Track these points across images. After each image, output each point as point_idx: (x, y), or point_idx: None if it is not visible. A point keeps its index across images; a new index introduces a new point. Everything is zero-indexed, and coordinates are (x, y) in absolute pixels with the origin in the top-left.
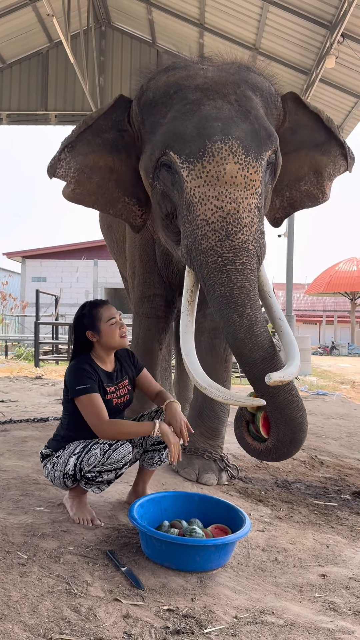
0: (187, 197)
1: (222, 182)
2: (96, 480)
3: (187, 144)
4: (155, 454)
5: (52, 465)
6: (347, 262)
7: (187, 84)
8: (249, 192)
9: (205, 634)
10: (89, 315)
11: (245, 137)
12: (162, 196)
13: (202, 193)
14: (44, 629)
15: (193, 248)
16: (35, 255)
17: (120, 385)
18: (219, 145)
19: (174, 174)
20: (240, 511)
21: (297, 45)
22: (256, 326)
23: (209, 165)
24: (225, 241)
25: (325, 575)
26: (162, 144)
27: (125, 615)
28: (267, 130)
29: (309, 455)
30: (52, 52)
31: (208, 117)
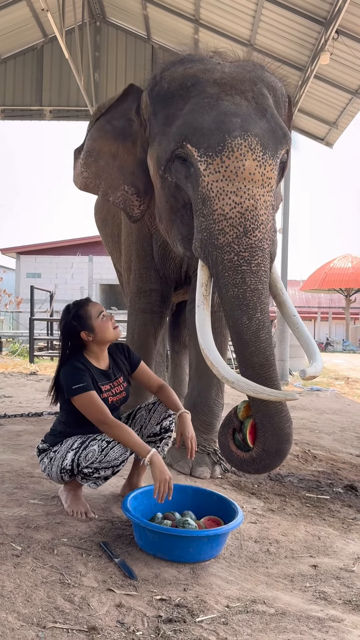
0: (204, 191)
1: (241, 178)
2: (93, 476)
3: (205, 137)
4: (151, 446)
5: (49, 460)
6: (342, 258)
7: (205, 78)
8: (265, 189)
9: (197, 623)
10: (77, 316)
11: (263, 135)
12: (175, 189)
13: (220, 188)
14: (38, 617)
15: (209, 243)
16: (30, 251)
17: (116, 382)
18: (238, 140)
19: (189, 167)
20: (232, 503)
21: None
22: (262, 331)
23: (227, 160)
24: (242, 238)
25: (316, 565)
26: (178, 136)
27: (119, 604)
28: (283, 129)
29: (302, 449)
30: (46, 47)
31: (227, 112)
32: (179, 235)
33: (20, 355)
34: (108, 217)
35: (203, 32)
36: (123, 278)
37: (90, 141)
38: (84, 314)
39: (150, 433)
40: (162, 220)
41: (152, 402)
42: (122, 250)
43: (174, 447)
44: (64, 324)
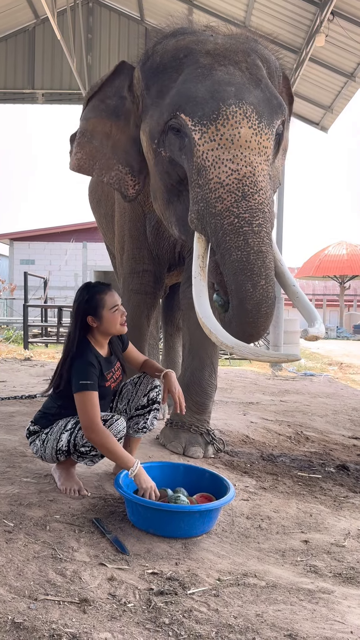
0: (199, 161)
1: (237, 146)
2: (90, 454)
3: (199, 105)
4: (140, 419)
5: (42, 442)
6: (337, 245)
7: (198, 49)
8: (262, 157)
9: (188, 595)
10: (92, 300)
11: (258, 103)
12: (169, 164)
13: (215, 156)
14: (29, 590)
15: (206, 212)
16: (24, 237)
17: (116, 367)
18: (233, 108)
19: (183, 137)
20: (224, 479)
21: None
22: (264, 304)
23: (223, 128)
24: (241, 202)
25: (307, 541)
26: (172, 107)
27: (110, 578)
28: (278, 99)
29: (295, 431)
30: (38, 28)
31: (221, 82)
32: (174, 216)
33: (15, 342)
34: (102, 197)
35: (197, 13)
36: (116, 259)
37: (84, 121)
38: (99, 301)
39: (138, 405)
40: (157, 200)
41: (137, 376)
42: (115, 231)
43: (167, 427)
44: (78, 304)
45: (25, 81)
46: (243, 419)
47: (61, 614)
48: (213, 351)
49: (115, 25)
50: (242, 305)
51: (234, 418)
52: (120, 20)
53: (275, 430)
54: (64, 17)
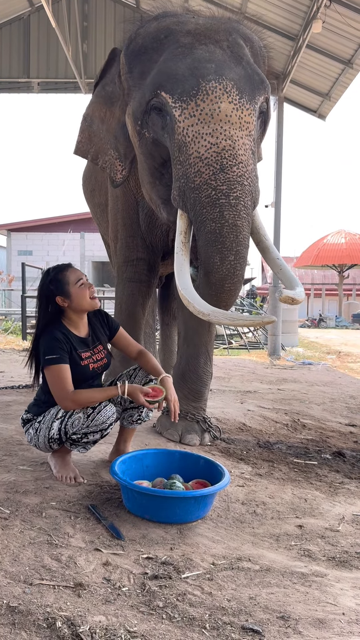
0: (179, 138)
1: (217, 120)
2: (82, 441)
3: (179, 83)
4: (135, 412)
5: (35, 431)
6: (336, 234)
7: (178, 29)
8: (243, 132)
9: (182, 579)
10: (55, 280)
11: (239, 80)
12: (153, 144)
13: (195, 131)
14: (25, 575)
15: (186, 187)
16: (21, 228)
17: (96, 350)
18: (213, 84)
19: (165, 116)
20: (219, 466)
21: (283, 9)
22: (229, 280)
23: (202, 103)
24: (219, 174)
25: (302, 526)
26: (152, 86)
27: (105, 563)
28: (260, 75)
29: (291, 419)
30: (33, 17)
31: (201, 59)
32: (160, 199)
33: (13, 333)
34: (96, 187)
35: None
36: (110, 248)
37: (88, 107)
38: (62, 279)
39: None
40: (144, 184)
41: (132, 367)
42: (109, 220)
43: (163, 415)
44: (41, 286)
45: (21, 70)
46: (240, 407)
47: (56, 598)
48: (208, 339)
49: (111, 13)
50: (207, 277)
51: (231, 406)
52: (115, 8)
53: (272, 418)
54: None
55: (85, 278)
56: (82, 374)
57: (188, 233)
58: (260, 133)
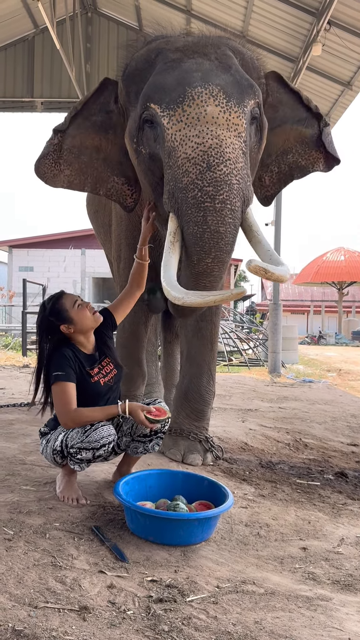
0: (169, 144)
1: (204, 122)
2: (76, 457)
3: (167, 93)
4: (140, 445)
5: (46, 442)
6: (335, 252)
7: (167, 47)
8: (231, 132)
9: (187, 602)
10: (53, 311)
11: (226, 85)
12: (150, 160)
13: (183, 135)
14: (30, 598)
15: (175, 188)
16: (22, 244)
17: (104, 363)
18: (199, 89)
19: (156, 127)
20: (223, 487)
21: (284, 32)
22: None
23: (189, 108)
24: (206, 173)
25: (306, 548)
26: (143, 99)
27: (110, 585)
28: (249, 81)
29: (293, 438)
30: (37, 38)
31: (189, 70)
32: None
33: (13, 349)
34: (100, 207)
35: (195, 23)
36: (113, 267)
37: (70, 139)
38: (60, 307)
39: (141, 433)
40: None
41: (146, 402)
42: (113, 239)
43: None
44: (41, 321)
45: (25, 90)
46: (242, 426)
47: (61, 622)
48: (211, 358)
49: (114, 35)
50: (186, 269)
51: (232, 425)
52: (118, 30)
53: (274, 437)
54: (63, 27)
55: (79, 299)
56: (95, 391)
57: (177, 234)
58: (257, 140)
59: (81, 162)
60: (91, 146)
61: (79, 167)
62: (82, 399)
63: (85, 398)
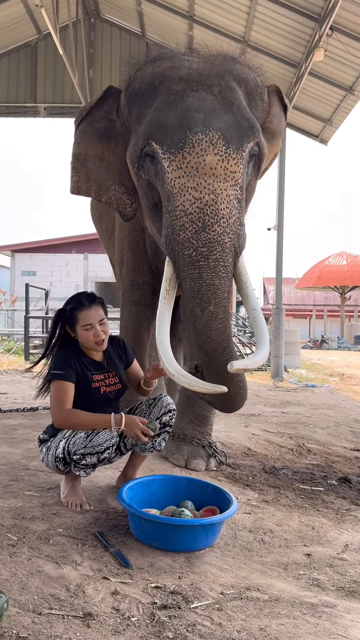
0: (168, 188)
1: (202, 174)
2: (81, 463)
3: (168, 134)
4: (149, 440)
5: (47, 450)
6: (337, 256)
7: (171, 75)
8: (228, 183)
9: (191, 609)
10: (70, 313)
11: (226, 129)
12: (148, 186)
13: (181, 184)
14: (34, 604)
15: (172, 238)
16: (25, 249)
17: (110, 374)
18: (199, 136)
19: (157, 164)
20: (227, 493)
21: (286, 38)
22: (214, 322)
23: (189, 156)
24: (201, 233)
25: (310, 554)
26: (145, 135)
27: (114, 592)
28: (250, 121)
29: (296, 443)
30: (40, 43)
31: (190, 109)
32: (159, 232)
33: (16, 353)
34: (104, 212)
35: (197, 28)
36: (116, 271)
37: (76, 145)
38: (73, 317)
39: None
40: (145, 218)
41: (152, 397)
42: (116, 244)
43: (169, 440)
44: (59, 311)
45: (28, 95)
46: (245, 430)
47: (65, 629)
48: None
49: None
50: (194, 328)
51: (235, 430)
52: (121, 36)
53: (277, 442)
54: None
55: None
56: (93, 396)
57: (173, 280)
58: (255, 172)
59: (87, 168)
60: (94, 154)
61: (86, 173)
62: (78, 401)
63: (81, 401)
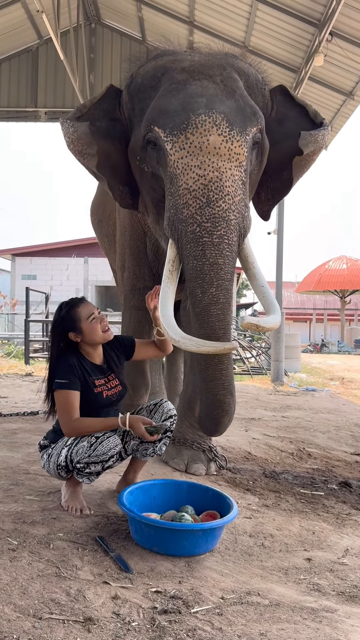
0: (171, 170)
1: (205, 152)
2: (85, 471)
3: (170, 117)
4: (150, 446)
5: (48, 457)
6: (337, 260)
7: (174, 67)
8: (232, 163)
9: (192, 614)
10: (67, 317)
11: (229, 112)
12: (152, 179)
13: (184, 163)
14: (34, 609)
15: (175, 218)
16: (25, 253)
17: (111, 377)
18: (202, 117)
19: (159, 149)
20: (227, 497)
21: (286, 43)
22: (214, 306)
23: (192, 136)
24: (205, 209)
25: (310, 559)
26: (147, 121)
27: (114, 596)
28: (252, 108)
29: (297, 447)
30: (41, 48)
31: (193, 94)
32: (162, 230)
33: (16, 357)
34: (104, 217)
35: (198, 33)
36: (117, 276)
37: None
38: (74, 316)
39: None
40: (148, 216)
41: (153, 403)
42: (117, 249)
43: (169, 444)
44: (54, 323)
45: (29, 100)
46: (245, 435)
47: (66, 633)
48: None
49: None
50: (193, 309)
51: (236, 434)
52: (122, 41)
53: (277, 446)
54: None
55: (96, 312)
56: (96, 401)
57: (176, 262)
58: (258, 163)
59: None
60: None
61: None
62: (82, 408)
63: (85, 407)
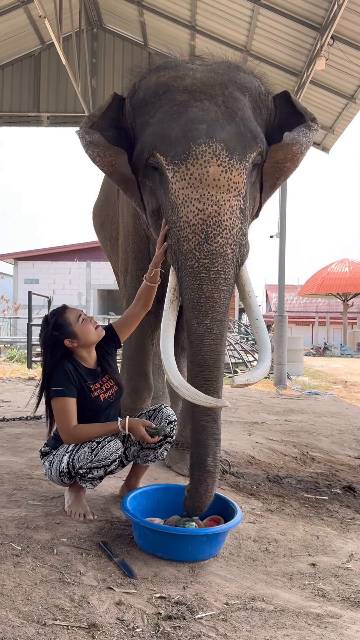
0: (172, 199)
1: (205, 185)
2: (88, 476)
3: (172, 145)
4: (150, 452)
5: (49, 464)
6: (339, 263)
7: (175, 85)
8: (231, 194)
9: (196, 619)
10: (57, 325)
11: (229, 140)
12: (151, 194)
13: (185, 195)
14: (38, 615)
15: (176, 249)
16: (28, 257)
17: (105, 379)
18: (203, 148)
19: (161, 174)
20: (231, 502)
21: (287, 47)
22: (208, 337)
23: (192, 167)
24: (203, 245)
25: (315, 564)
26: (149, 145)
27: (118, 602)
28: (253, 132)
29: (300, 451)
30: (44, 53)
31: (194, 120)
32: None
33: (18, 361)
34: (106, 221)
35: (199, 38)
36: (119, 280)
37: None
38: (64, 322)
39: None
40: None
41: (152, 408)
42: (119, 253)
43: (172, 448)
44: (45, 335)
45: (31, 104)
46: (248, 439)
47: (70, 639)
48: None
49: (119, 50)
50: (188, 336)
51: (239, 438)
52: (124, 45)
53: (280, 450)
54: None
55: (82, 313)
56: (94, 406)
57: (177, 290)
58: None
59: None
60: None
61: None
62: (81, 414)
63: (85, 413)
